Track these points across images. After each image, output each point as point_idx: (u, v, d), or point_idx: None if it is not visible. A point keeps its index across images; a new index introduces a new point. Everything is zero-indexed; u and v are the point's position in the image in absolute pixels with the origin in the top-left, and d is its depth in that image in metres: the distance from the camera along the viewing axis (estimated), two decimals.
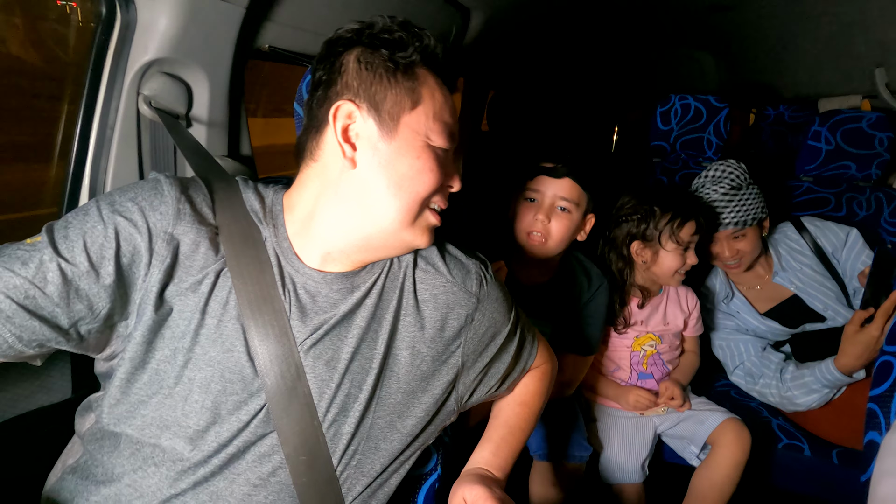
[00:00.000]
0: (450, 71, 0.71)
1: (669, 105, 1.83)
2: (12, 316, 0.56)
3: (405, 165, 0.66)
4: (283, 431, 0.64)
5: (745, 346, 1.52)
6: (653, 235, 1.32)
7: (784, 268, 1.55)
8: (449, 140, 0.70)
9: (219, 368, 0.63)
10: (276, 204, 0.71)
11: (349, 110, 0.65)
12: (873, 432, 0.80)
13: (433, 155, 0.68)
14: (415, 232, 0.70)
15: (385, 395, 0.71)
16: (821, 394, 1.34)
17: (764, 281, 1.57)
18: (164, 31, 0.90)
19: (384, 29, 0.67)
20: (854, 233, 1.54)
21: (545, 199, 1.17)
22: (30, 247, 0.58)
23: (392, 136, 0.66)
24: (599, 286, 1.27)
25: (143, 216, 0.61)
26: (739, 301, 1.55)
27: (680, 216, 1.31)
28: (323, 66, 0.69)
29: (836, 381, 1.30)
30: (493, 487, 0.72)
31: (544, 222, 1.15)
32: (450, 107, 0.71)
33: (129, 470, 0.62)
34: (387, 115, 0.66)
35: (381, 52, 0.66)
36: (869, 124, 1.68)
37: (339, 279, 0.69)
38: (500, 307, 0.79)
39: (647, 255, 1.34)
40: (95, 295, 0.59)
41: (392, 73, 0.66)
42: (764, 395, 1.47)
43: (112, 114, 0.92)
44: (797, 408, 1.39)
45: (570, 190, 1.16)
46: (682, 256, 1.32)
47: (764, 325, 1.52)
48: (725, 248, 1.45)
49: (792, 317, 1.52)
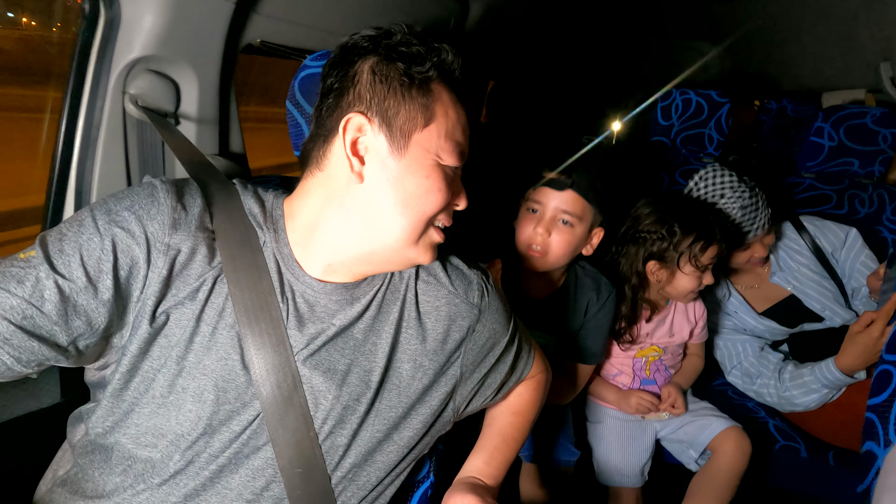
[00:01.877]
0: (468, 85, 0.69)
1: (670, 100, 1.80)
2: (10, 338, 0.54)
3: (413, 184, 0.65)
4: (279, 443, 0.63)
5: (742, 345, 1.52)
6: (672, 258, 1.24)
7: (781, 268, 1.54)
8: (459, 158, 0.68)
9: (212, 377, 0.61)
10: (277, 209, 0.69)
11: (360, 123, 0.64)
12: (871, 442, 0.79)
13: (442, 174, 0.66)
14: (419, 249, 0.69)
15: (384, 408, 0.70)
16: (820, 394, 1.33)
17: (762, 280, 1.55)
18: (149, 28, 0.87)
19: (402, 41, 0.65)
20: (853, 232, 1.52)
21: (546, 212, 1.10)
22: (24, 262, 0.56)
23: (402, 154, 0.64)
24: (608, 297, 1.22)
25: (140, 226, 0.59)
26: (737, 300, 1.54)
27: (703, 239, 1.22)
28: (335, 72, 0.66)
29: (836, 381, 1.28)
30: (486, 496, 0.72)
31: (544, 236, 1.10)
32: (462, 125, 0.69)
33: (121, 487, 0.61)
34: (398, 132, 0.64)
35: (397, 66, 0.64)
36: (873, 120, 1.65)
37: (339, 290, 0.68)
38: (501, 317, 0.79)
39: (662, 275, 1.28)
40: (94, 310, 0.57)
41: (407, 88, 0.64)
42: (761, 395, 1.47)
43: (97, 113, 0.89)
44: (795, 408, 1.39)
45: (574, 203, 1.09)
46: (699, 279, 1.26)
47: (762, 324, 1.51)
48: (759, 248, 1.41)
49: (790, 316, 1.51)
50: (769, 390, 1.43)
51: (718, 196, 1.37)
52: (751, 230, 1.36)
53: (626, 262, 1.31)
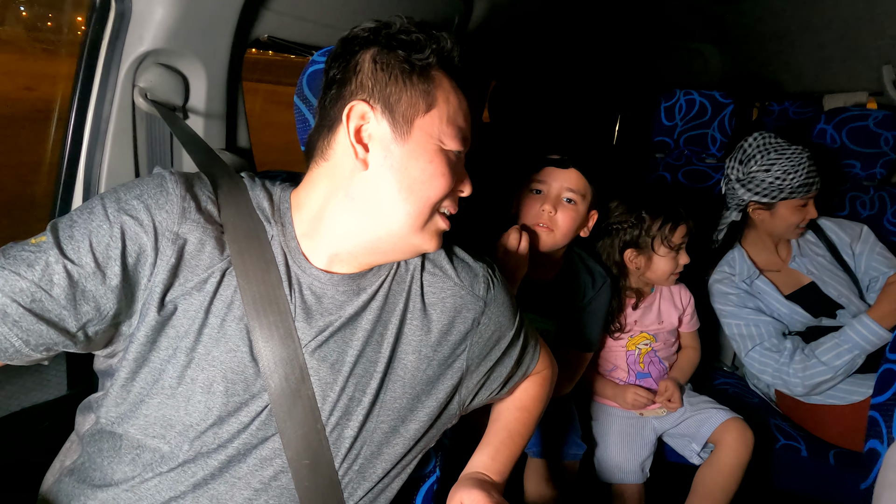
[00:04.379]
0: (467, 73, 0.70)
1: (674, 100, 1.81)
2: (19, 320, 0.54)
3: (417, 169, 0.65)
4: (287, 435, 0.64)
5: (766, 326, 1.46)
6: (645, 242, 1.32)
7: (802, 253, 1.55)
8: (461, 144, 0.69)
9: (221, 369, 0.62)
10: (284, 202, 0.70)
11: (363, 111, 0.64)
12: (874, 440, 0.79)
13: (445, 159, 0.67)
14: (424, 236, 0.69)
15: (389, 400, 0.70)
16: (851, 356, 1.28)
17: (783, 265, 1.55)
18: (159, 21, 0.88)
19: (402, 30, 0.66)
20: (866, 228, 1.56)
21: (552, 191, 1.16)
22: (35, 247, 0.56)
23: (405, 139, 0.65)
24: (603, 284, 1.27)
25: (148, 214, 0.60)
26: (763, 282, 1.52)
27: (671, 221, 1.31)
28: (337, 64, 0.67)
29: (870, 335, 1.26)
30: (492, 492, 0.72)
31: (551, 213, 1.14)
32: (464, 111, 0.70)
33: (129, 475, 0.61)
34: (401, 118, 0.65)
35: (397, 53, 0.65)
36: (875, 122, 1.66)
37: (345, 281, 0.68)
38: (506, 311, 0.79)
39: (640, 261, 1.35)
40: (102, 296, 0.58)
41: (408, 74, 0.65)
42: (781, 374, 1.39)
43: (107, 106, 0.90)
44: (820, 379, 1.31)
45: (577, 181, 1.16)
46: (674, 259, 1.33)
47: (787, 307, 1.48)
48: (812, 210, 1.44)
49: (812, 304, 1.49)
50: (792, 367, 1.36)
51: (755, 152, 1.44)
52: (813, 182, 1.39)
53: (604, 254, 1.37)
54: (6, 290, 0.54)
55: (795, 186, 1.40)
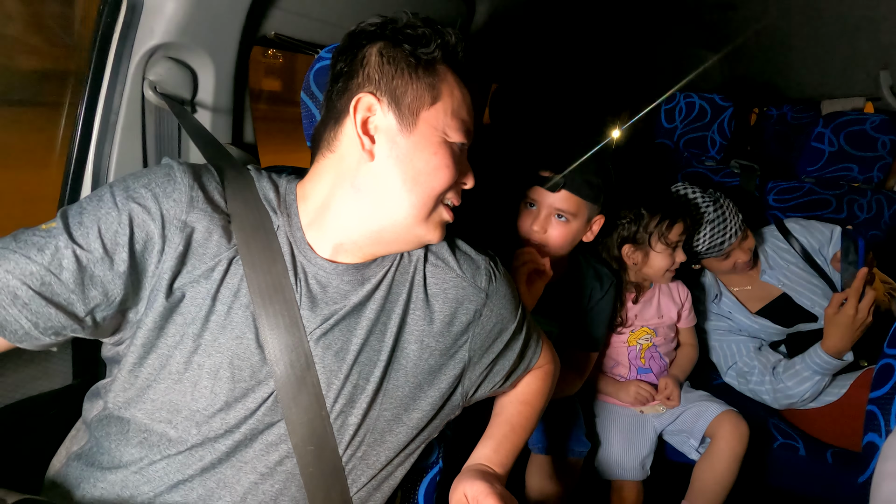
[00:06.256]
0: (471, 68, 0.71)
1: (674, 103, 1.83)
2: (29, 303, 0.56)
3: (422, 161, 0.67)
4: (292, 421, 0.64)
5: (737, 346, 1.53)
6: (643, 238, 1.34)
7: (771, 266, 1.57)
8: (465, 136, 0.70)
9: (228, 355, 0.63)
10: (290, 193, 0.71)
11: (370, 103, 0.66)
12: (873, 434, 0.80)
13: (449, 151, 0.68)
14: (428, 227, 0.70)
15: (392, 388, 0.71)
16: (813, 381, 1.34)
17: (753, 280, 1.58)
18: (170, 15, 0.89)
19: (408, 24, 0.67)
20: (838, 230, 1.56)
21: (542, 209, 1.12)
22: (45, 233, 0.58)
23: (411, 131, 0.66)
24: (610, 286, 1.27)
25: (156, 203, 0.61)
26: (729, 301, 1.56)
27: (668, 218, 1.33)
28: (344, 57, 0.69)
29: (824, 365, 1.30)
30: (494, 483, 0.72)
31: (540, 233, 1.12)
32: (467, 105, 0.71)
33: (137, 457, 0.62)
34: (407, 110, 0.66)
35: (403, 47, 0.66)
36: (872, 127, 1.68)
37: (349, 270, 0.69)
38: (508, 304, 0.80)
39: (637, 257, 1.36)
40: (110, 281, 0.59)
41: (413, 68, 0.66)
42: (757, 392, 1.48)
43: (117, 99, 0.91)
44: (791, 400, 1.39)
45: (568, 202, 1.10)
46: (671, 256, 1.35)
47: (757, 323, 1.53)
48: (740, 254, 1.46)
49: (784, 315, 1.53)
50: (764, 387, 1.44)
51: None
52: (724, 240, 1.42)
53: (603, 249, 1.39)
54: (17, 272, 0.55)
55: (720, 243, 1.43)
